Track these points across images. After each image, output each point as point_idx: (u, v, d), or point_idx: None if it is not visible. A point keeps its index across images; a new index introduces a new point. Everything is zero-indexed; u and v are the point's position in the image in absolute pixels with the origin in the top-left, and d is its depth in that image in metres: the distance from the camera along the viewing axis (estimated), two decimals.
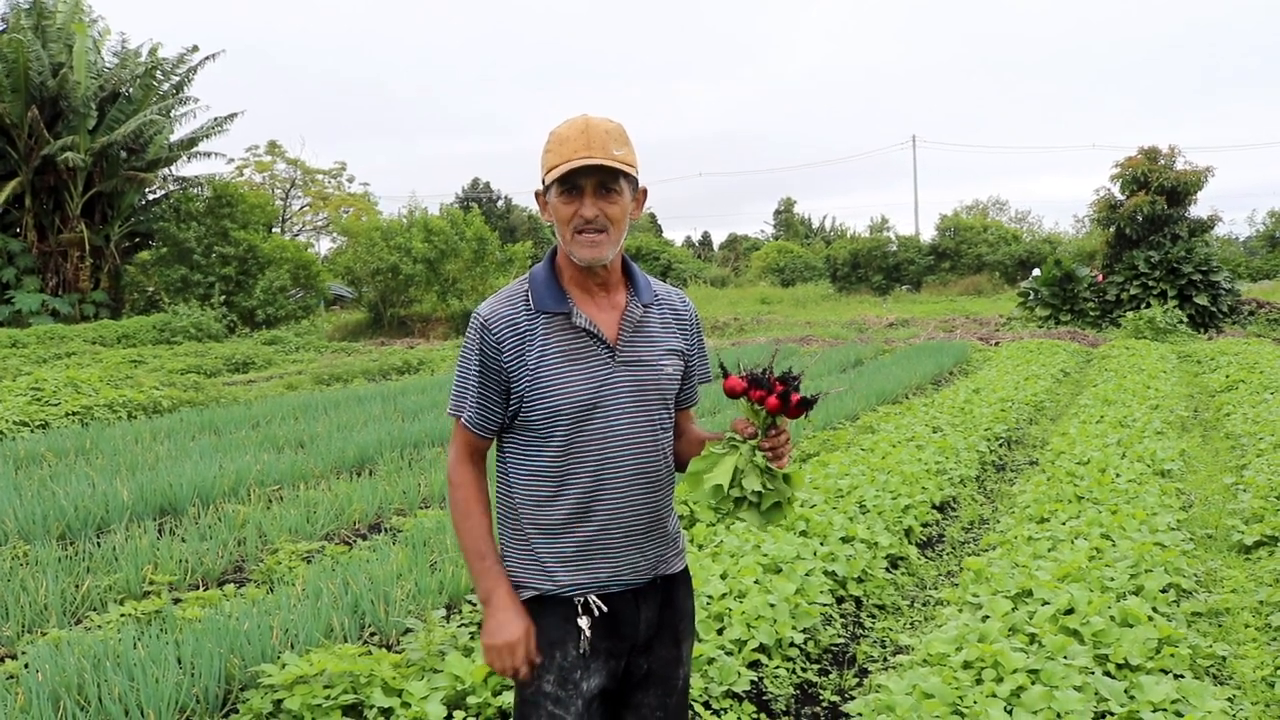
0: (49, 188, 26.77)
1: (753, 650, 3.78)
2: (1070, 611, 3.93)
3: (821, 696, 3.80)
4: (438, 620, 4.02)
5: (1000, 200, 61.97)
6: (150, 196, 30.20)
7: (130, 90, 28.20)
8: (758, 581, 4.30)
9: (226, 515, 5.89)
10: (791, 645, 3.97)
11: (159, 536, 5.47)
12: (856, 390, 11.04)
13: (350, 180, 45.58)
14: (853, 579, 4.74)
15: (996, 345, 19.12)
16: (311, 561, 5.15)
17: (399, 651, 3.81)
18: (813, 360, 15.76)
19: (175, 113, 29.08)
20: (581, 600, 1.98)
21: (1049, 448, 8.06)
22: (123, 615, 4.27)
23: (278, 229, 38.69)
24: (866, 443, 7.92)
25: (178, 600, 4.49)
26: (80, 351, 19.72)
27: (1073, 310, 24.45)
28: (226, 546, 5.33)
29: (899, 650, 4.22)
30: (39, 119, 25.41)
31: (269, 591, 4.56)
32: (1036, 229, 53.49)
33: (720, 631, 3.87)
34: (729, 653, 3.72)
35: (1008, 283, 39.51)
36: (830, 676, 3.97)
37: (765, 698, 3.65)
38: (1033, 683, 3.33)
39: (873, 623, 4.59)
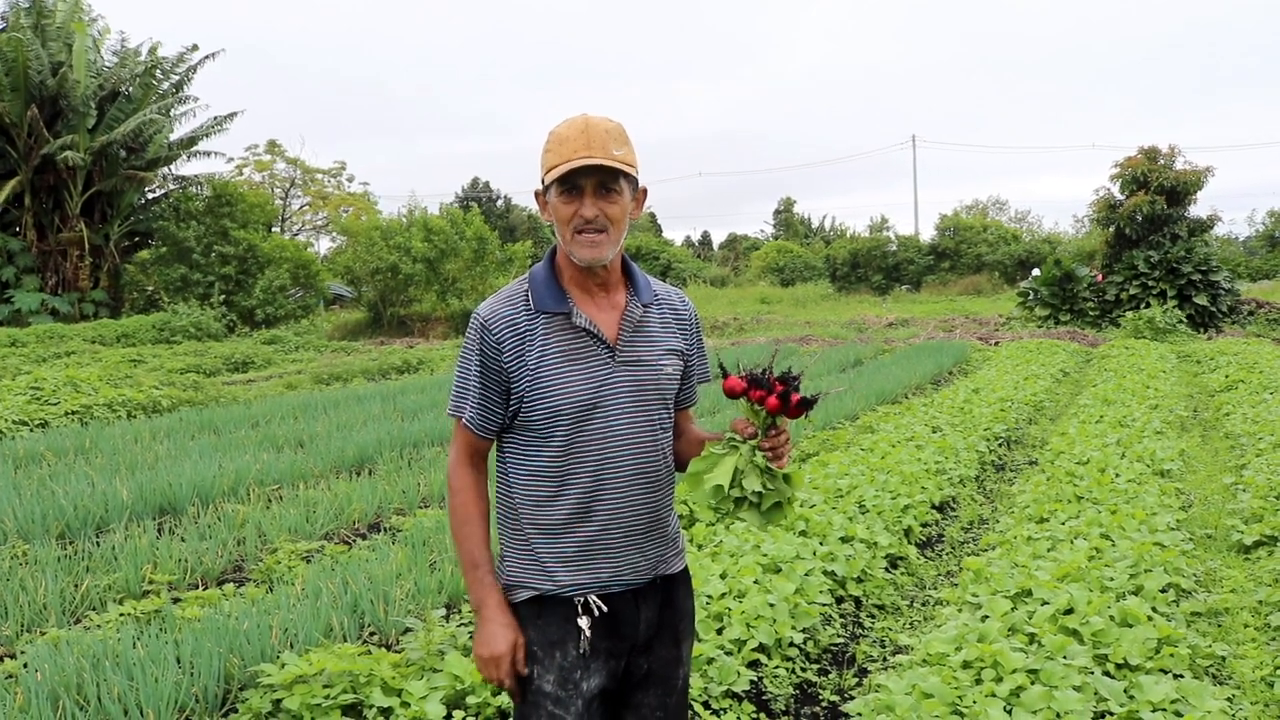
0: (48, 187, 26.78)
1: (752, 650, 3.78)
2: (1070, 611, 3.93)
3: (821, 696, 3.80)
4: (437, 620, 4.02)
5: (1000, 200, 62.07)
6: (150, 196, 30.21)
7: (130, 89, 28.22)
8: (757, 581, 4.30)
9: (226, 515, 5.89)
10: (791, 645, 3.97)
11: (158, 536, 5.47)
12: (856, 390, 11.04)
13: (350, 180, 45.63)
14: (852, 579, 4.74)
15: (996, 345, 19.12)
16: (311, 561, 5.15)
17: (398, 651, 3.81)
18: (812, 360, 15.76)
19: (175, 112, 29.11)
20: (582, 600, 1.98)
21: (1048, 448, 8.06)
22: (122, 615, 4.27)
23: (277, 228, 38.69)
24: (866, 442, 7.93)
25: (177, 600, 4.49)
26: (80, 351, 19.72)
27: (1072, 310, 24.45)
28: (226, 546, 5.33)
29: (898, 650, 4.23)
30: (38, 118, 25.41)
31: (268, 591, 4.56)
32: (1036, 229, 53.53)
33: (720, 631, 3.87)
34: (728, 652, 3.72)
35: (1007, 282, 39.51)
36: (830, 676, 3.97)
37: (765, 697, 3.65)
38: (1032, 683, 3.34)
39: (872, 622, 4.59)
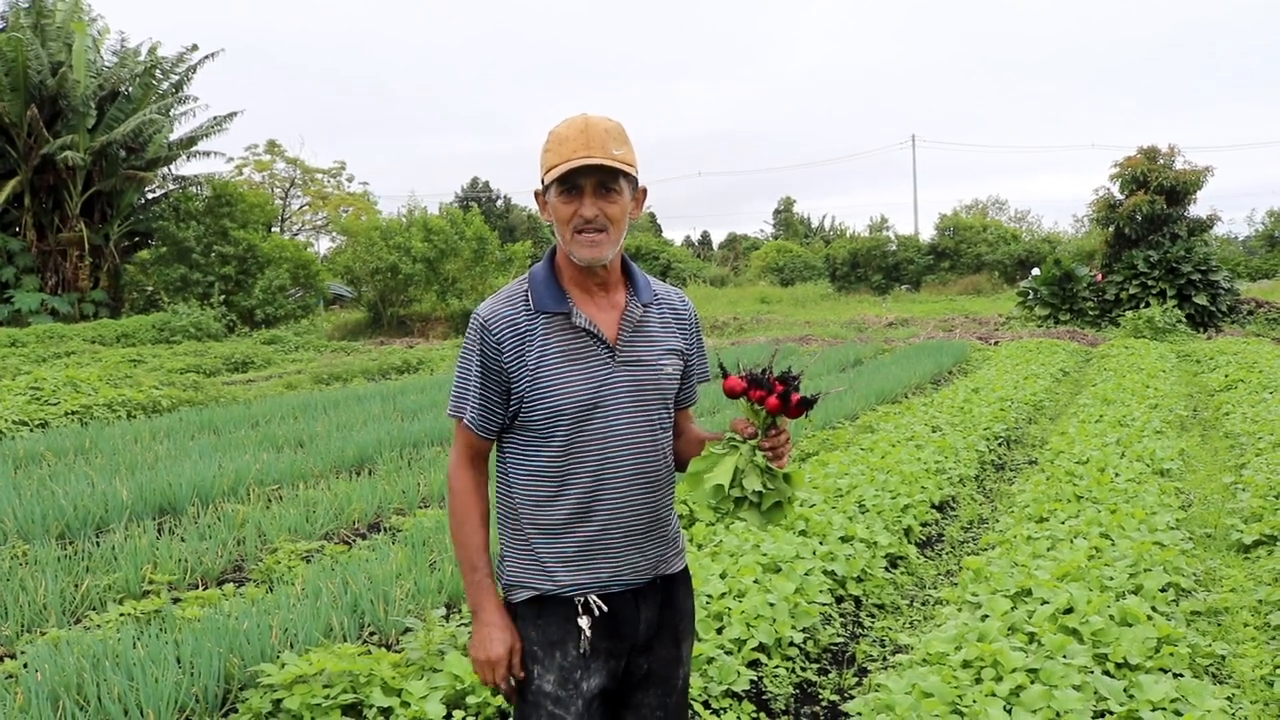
0: (48, 187, 26.77)
1: (752, 650, 3.78)
2: (1069, 611, 3.93)
3: (821, 696, 3.80)
4: (437, 620, 4.02)
5: (1000, 200, 62.03)
6: (149, 196, 30.22)
7: (129, 89, 28.22)
8: (757, 581, 4.30)
9: (226, 515, 5.89)
10: (791, 644, 3.98)
11: (158, 536, 5.47)
12: (856, 390, 11.04)
13: (350, 179, 45.60)
14: (852, 578, 4.74)
15: (996, 345, 19.12)
16: (311, 561, 5.15)
17: (398, 651, 3.81)
18: (812, 360, 15.76)
19: (174, 112, 29.11)
20: (582, 600, 1.98)
21: (1048, 447, 8.07)
22: (122, 615, 4.27)
23: (277, 228, 38.67)
24: (866, 442, 7.93)
25: (177, 600, 4.49)
26: (79, 351, 19.72)
27: (1072, 310, 24.45)
28: (226, 546, 5.33)
29: (898, 649, 4.23)
30: (38, 118, 25.41)
31: (268, 591, 4.56)
32: (1036, 228, 53.51)
33: (720, 631, 3.87)
34: (728, 652, 3.72)
35: (1007, 282, 39.51)
36: (829, 676, 3.97)
37: (764, 697, 3.65)
38: (1032, 682, 3.34)
39: (872, 622, 4.59)
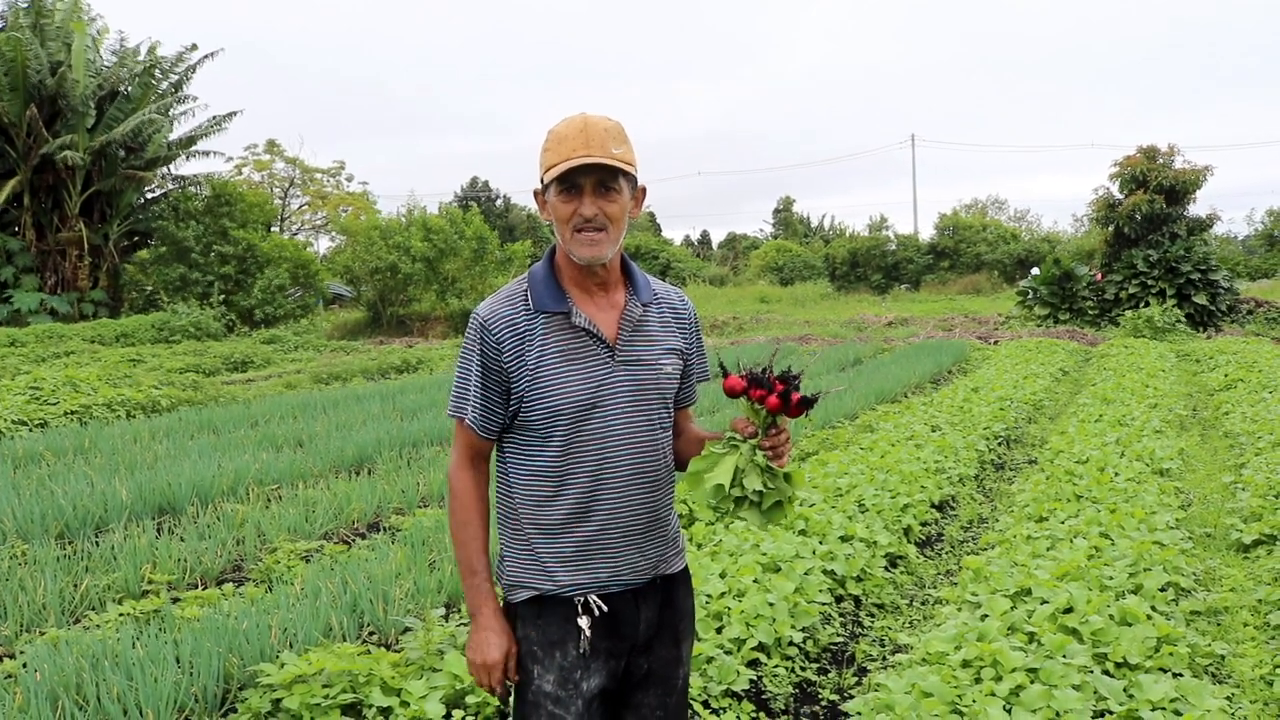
0: (48, 186, 26.76)
1: (752, 649, 3.78)
2: (1069, 610, 3.93)
3: (820, 695, 3.80)
4: (436, 619, 4.02)
5: (999, 199, 61.94)
6: (149, 195, 30.21)
7: (129, 89, 28.21)
8: (757, 580, 4.30)
9: (225, 514, 5.89)
10: (790, 644, 3.97)
11: (157, 536, 5.47)
12: (855, 389, 11.04)
13: (349, 179, 45.56)
14: (851, 578, 4.74)
15: (995, 344, 19.12)
16: (310, 561, 5.15)
17: (398, 651, 3.81)
18: (812, 359, 15.76)
19: (174, 111, 29.10)
20: (581, 600, 1.98)
21: (1048, 446, 8.07)
22: (121, 615, 4.27)
23: (276, 228, 38.66)
24: (865, 441, 7.93)
25: (176, 599, 4.49)
26: (79, 350, 19.72)
27: (1071, 309, 24.45)
28: (225, 546, 5.32)
29: (898, 649, 4.23)
30: (37, 118, 25.39)
31: (268, 591, 4.56)
32: (1035, 228, 53.50)
33: (719, 630, 3.87)
34: (728, 652, 3.72)
35: (1006, 282, 39.52)
36: (829, 675, 3.97)
37: (764, 696, 3.65)
38: (1032, 681, 3.34)
39: (872, 621, 4.59)
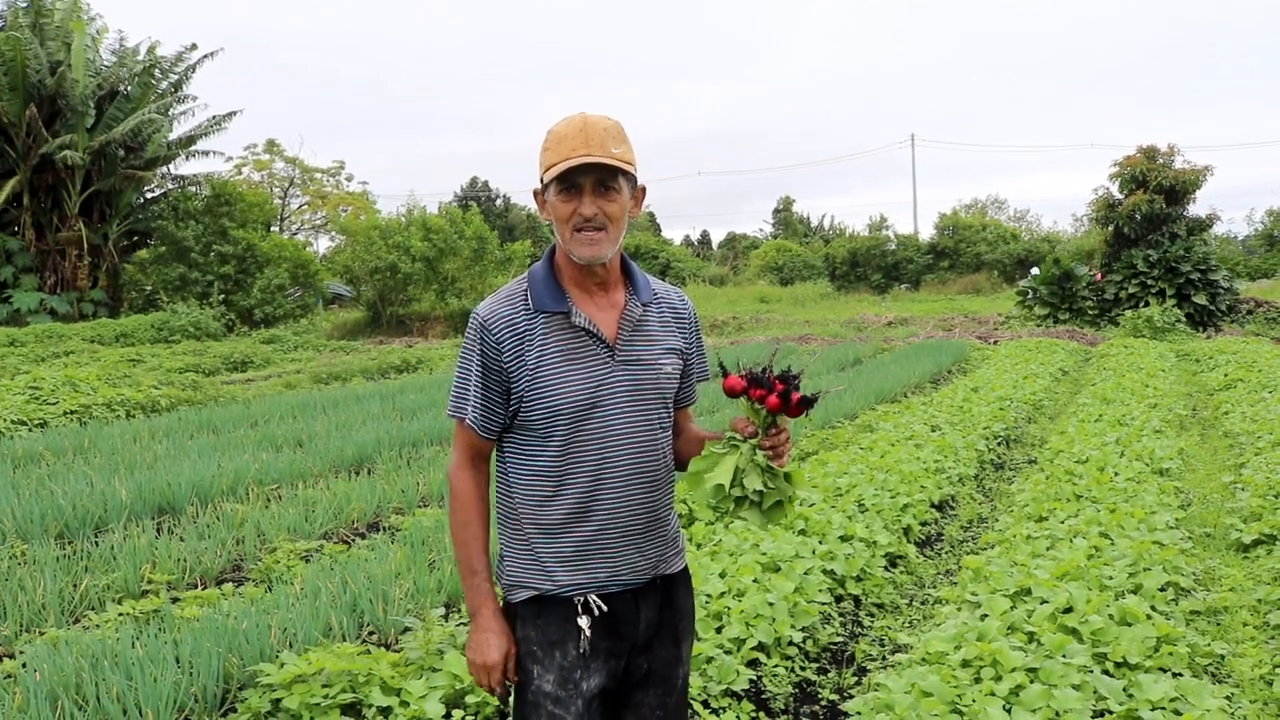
0: (47, 186, 26.76)
1: (751, 649, 3.78)
2: (1069, 610, 3.93)
3: (820, 695, 3.80)
4: (436, 619, 4.02)
5: (999, 199, 61.92)
6: (149, 195, 30.22)
7: (128, 88, 28.20)
8: (756, 580, 4.30)
9: (225, 514, 5.89)
10: (790, 644, 3.97)
11: (157, 536, 5.47)
12: (855, 389, 11.04)
13: (349, 179, 45.58)
14: (851, 578, 4.74)
15: (995, 344, 19.12)
16: (310, 560, 5.15)
17: (397, 650, 3.81)
18: (812, 359, 15.75)
19: (174, 111, 29.11)
20: (581, 600, 1.98)
21: (1047, 446, 8.07)
22: (121, 614, 4.27)
23: (276, 228, 38.66)
24: (865, 441, 7.93)
25: (176, 599, 4.49)
26: (78, 350, 19.71)
27: (1071, 309, 24.45)
28: (225, 545, 5.32)
29: (898, 649, 4.23)
30: (37, 117, 25.39)
31: (267, 590, 4.56)
32: (1035, 228, 53.49)
33: (719, 630, 3.87)
34: (728, 651, 3.72)
35: (1006, 281, 39.53)
36: (829, 675, 3.97)
37: (764, 696, 3.65)
38: (1031, 681, 3.33)
39: (871, 621, 4.59)
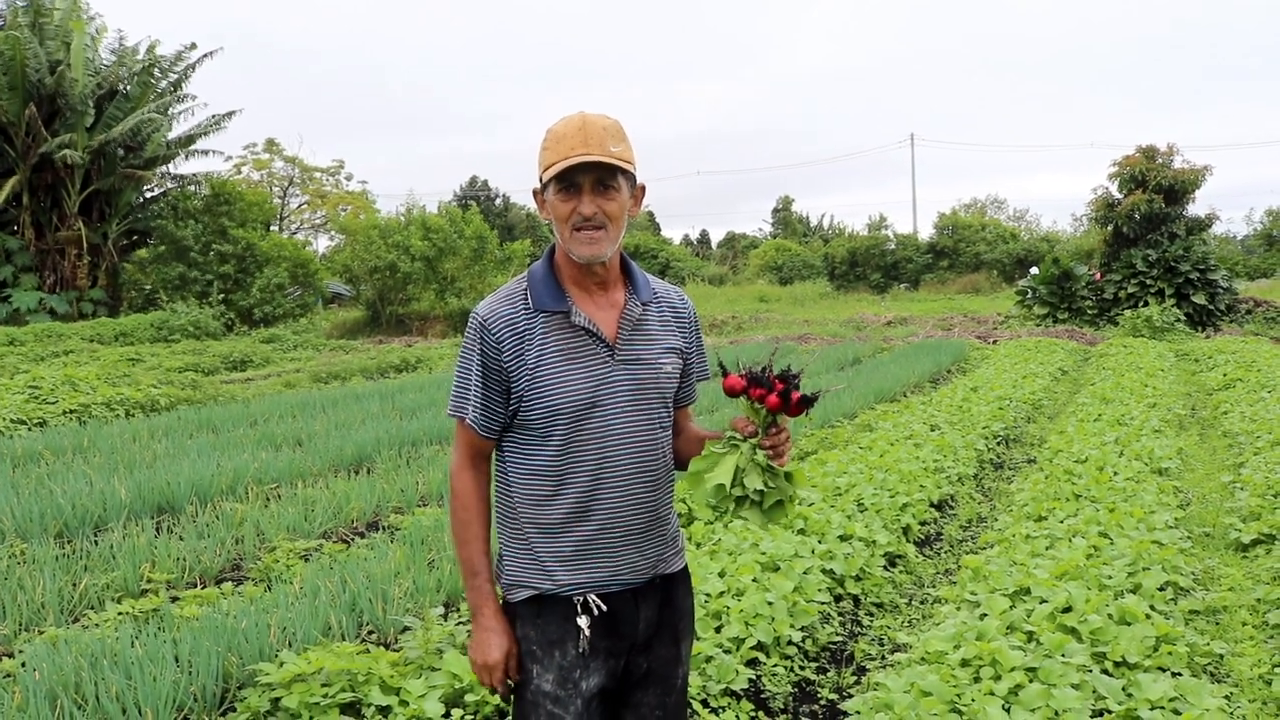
0: (47, 185, 26.74)
1: (751, 648, 3.78)
2: (1068, 609, 3.93)
3: (819, 694, 3.80)
4: (435, 618, 4.02)
5: (998, 198, 61.84)
6: (148, 194, 30.20)
7: (128, 88, 28.19)
8: (756, 580, 4.30)
9: (224, 513, 5.89)
10: (789, 643, 3.98)
11: (156, 535, 5.47)
12: (855, 388, 11.04)
13: (348, 178, 45.58)
14: (851, 577, 4.74)
15: (994, 344, 19.12)
16: (309, 560, 5.15)
17: (397, 650, 3.81)
18: (811, 358, 15.75)
19: (173, 110, 29.09)
20: (581, 599, 1.98)
21: (1047, 446, 8.07)
22: (120, 614, 4.27)
23: (275, 227, 38.65)
24: (864, 441, 7.93)
25: (175, 599, 4.49)
26: (78, 349, 19.71)
27: (1070, 309, 24.46)
28: (224, 545, 5.32)
29: (897, 648, 4.23)
30: (36, 117, 25.38)
31: (267, 590, 4.56)
32: (1034, 227, 53.49)
33: (718, 629, 3.87)
34: (727, 651, 3.72)
35: (1006, 281, 39.53)
36: (828, 674, 3.97)
37: (763, 696, 3.65)
38: (1031, 681, 3.34)
39: (871, 621, 4.59)
